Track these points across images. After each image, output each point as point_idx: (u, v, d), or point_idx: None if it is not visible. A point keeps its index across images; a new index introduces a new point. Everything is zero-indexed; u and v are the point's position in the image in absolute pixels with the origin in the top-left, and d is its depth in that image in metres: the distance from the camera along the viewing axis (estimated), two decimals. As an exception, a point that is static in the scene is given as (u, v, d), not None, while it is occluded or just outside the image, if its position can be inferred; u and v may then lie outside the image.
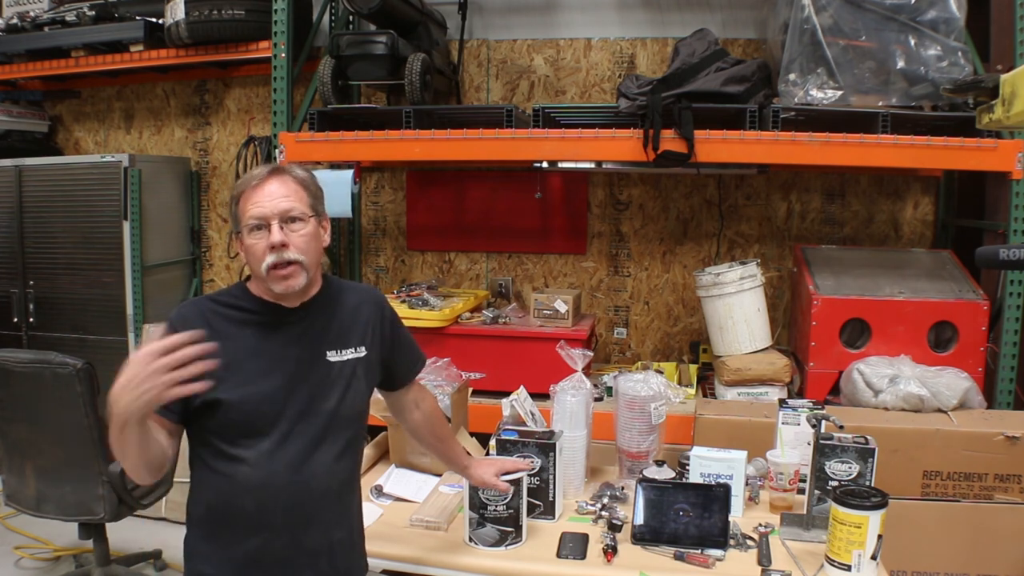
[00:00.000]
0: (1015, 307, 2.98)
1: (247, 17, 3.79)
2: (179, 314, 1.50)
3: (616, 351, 4.12)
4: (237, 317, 1.51)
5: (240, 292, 1.56)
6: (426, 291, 3.60)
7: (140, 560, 3.30)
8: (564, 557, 1.83)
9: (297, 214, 1.49)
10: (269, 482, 1.47)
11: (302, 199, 1.51)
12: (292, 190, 1.50)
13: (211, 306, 1.52)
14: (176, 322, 1.47)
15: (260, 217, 1.47)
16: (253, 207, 1.47)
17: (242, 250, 1.53)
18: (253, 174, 1.52)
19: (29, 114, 4.61)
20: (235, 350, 1.47)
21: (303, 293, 1.54)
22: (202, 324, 1.46)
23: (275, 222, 1.46)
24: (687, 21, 3.80)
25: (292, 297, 1.53)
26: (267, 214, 1.46)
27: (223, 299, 1.54)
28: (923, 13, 2.92)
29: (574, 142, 3.13)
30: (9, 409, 2.82)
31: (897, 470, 2.60)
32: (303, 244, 1.49)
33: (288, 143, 3.37)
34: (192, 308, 1.52)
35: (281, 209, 1.47)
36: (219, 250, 4.55)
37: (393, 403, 1.84)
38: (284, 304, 1.53)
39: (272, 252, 1.46)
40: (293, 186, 1.51)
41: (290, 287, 1.48)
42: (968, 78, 2.54)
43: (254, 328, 1.51)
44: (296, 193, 1.50)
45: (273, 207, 1.47)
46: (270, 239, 1.46)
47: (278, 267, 1.46)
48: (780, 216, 3.92)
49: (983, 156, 2.91)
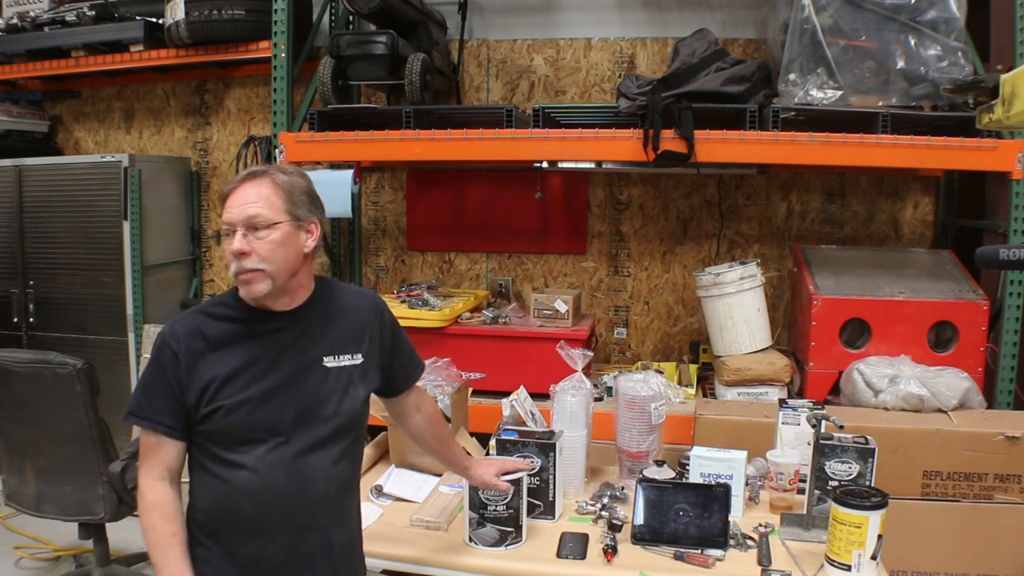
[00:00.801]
0: (1015, 307, 2.98)
1: (247, 17, 3.79)
2: (172, 331, 1.49)
3: (616, 351, 4.12)
4: (229, 326, 1.51)
5: (230, 300, 1.54)
6: (426, 291, 3.60)
7: (140, 560, 3.30)
8: (564, 557, 1.84)
9: (261, 221, 1.45)
10: (268, 487, 1.47)
11: (273, 204, 1.47)
12: (264, 195, 1.47)
13: (202, 319, 1.51)
14: (170, 340, 1.48)
15: (229, 222, 1.47)
16: (225, 212, 1.48)
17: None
18: (235, 177, 1.52)
19: (29, 114, 4.61)
20: (231, 359, 1.47)
21: (290, 299, 1.54)
22: (195, 339, 1.47)
23: (239, 229, 1.45)
24: (687, 21, 3.80)
25: (273, 302, 1.52)
26: (233, 220, 1.46)
27: (214, 310, 1.53)
28: (923, 13, 2.92)
29: (574, 142, 3.13)
30: (9, 409, 2.82)
31: (897, 470, 2.60)
32: (267, 252, 1.45)
33: (288, 143, 3.36)
34: (184, 324, 1.51)
35: (246, 216, 1.45)
36: (219, 250, 4.54)
37: (394, 408, 1.83)
38: (272, 308, 1.52)
39: (235, 259, 1.46)
40: (267, 191, 1.47)
41: (251, 292, 1.47)
42: (968, 78, 2.54)
43: (247, 335, 1.50)
44: (267, 199, 1.47)
45: (239, 213, 1.46)
46: (231, 247, 1.46)
47: (239, 273, 1.47)
48: (780, 216, 3.92)
49: (983, 156, 2.91)
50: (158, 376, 1.47)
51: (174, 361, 1.46)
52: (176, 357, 1.46)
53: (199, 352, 1.47)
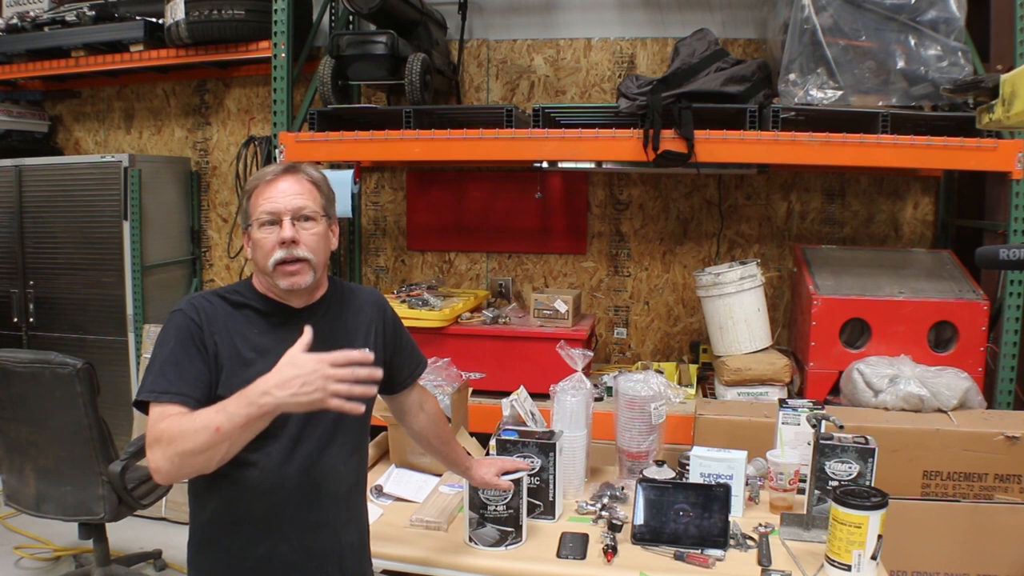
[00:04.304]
0: (1015, 307, 2.98)
1: (247, 17, 3.79)
2: (191, 305, 1.46)
3: (616, 351, 4.12)
4: (247, 315, 1.49)
5: (247, 290, 1.53)
6: (426, 291, 3.60)
7: (140, 560, 3.30)
8: (564, 557, 1.83)
9: (309, 212, 1.49)
10: (280, 486, 1.46)
11: (315, 198, 1.51)
12: (306, 188, 1.50)
13: (220, 303, 1.49)
14: (190, 312, 1.44)
15: (272, 212, 1.46)
16: (266, 202, 1.47)
17: (249, 245, 1.52)
18: (267, 170, 1.51)
19: (29, 114, 4.61)
20: (247, 348, 1.45)
21: (310, 294, 1.54)
22: (216, 316, 1.45)
23: (287, 218, 1.46)
24: (687, 21, 3.80)
25: (298, 297, 1.52)
26: (280, 209, 1.46)
27: (232, 297, 1.51)
28: (923, 13, 2.92)
29: (574, 142, 3.13)
30: (9, 409, 2.82)
31: (897, 470, 2.60)
32: (313, 243, 1.48)
33: (288, 143, 3.37)
34: (205, 301, 1.48)
35: (294, 206, 1.47)
36: (219, 250, 4.55)
37: (397, 407, 1.82)
38: (291, 304, 1.52)
39: (282, 247, 1.45)
40: (307, 185, 1.51)
41: (295, 283, 1.47)
42: (968, 78, 2.53)
43: (264, 327, 1.49)
44: (309, 192, 1.50)
45: (287, 203, 1.47)
46: (281, 234, 1.45)
47: (286, 263, 1.46)
48: (780, 216, 3.92)
49: (983, 156, 2.91)
50: (184, 351, 1.41)
51: (199, 332, 1.42)
52: (200, 328, 1.43)
53: (219, 330, 1.44)
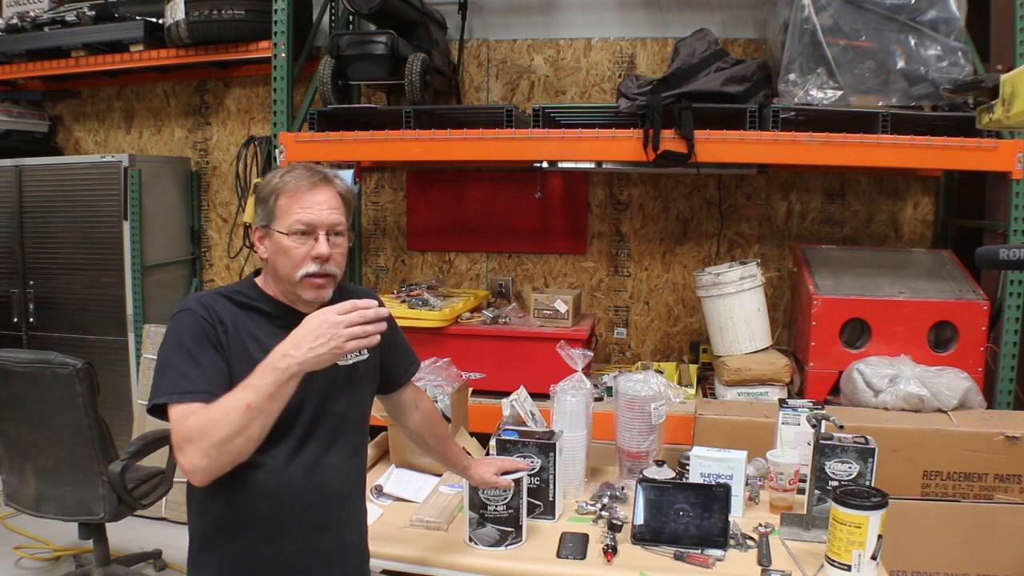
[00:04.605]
0: (1015, 307, 2.98)
1: (247, 17, 3.79)
2: (200, 304, 1.44)
3: (616, 351, 4.12)
4: (253, 317, 1.48)
5: (252, 291, 1.52)
6: (426, 291, 3.60)
7: (140, 560, 3.30)
8: (564, 557, 1.84)
9: (342, 229, 1.50)
10: (286, 487, 1.45)
11: (345, 214, 1.51)
12: (339, 203, 1.50)
13: (226, 303, 1.48)
14: (199, 310, 1.43)
15: (309, 224, 1.45)
16: (303, 211, 1.45)
17: (263, 244, 1.50)
18: (301, 174, 1.49)
19: (29, 114, 4.61)
20: (257, 349, 1.43)
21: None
22: (223, 315, 1.44)
23: (323, 232, 1.46)
24: (687, 21, 3.81)
25: (311, 304, 1.50)
26: (317, 223, 1.45)
27: (236, 297, 1.49)
28: (923, 13, 2.92)
29: (574, 142, 3.13)
30: (9, 409, 2.82)
31: (897, 470, 2.60)
32: (341, 260, 1.50)
33: (288, 143, 3.36)
34: (212, 300, 1.47)
35: (331, 221, 1.47)
36: (219, 250, 4.55)
37: (392, 406, 1.83)
38: (299, 309, 1.50)
39: (315, 262, 1.45)
40: (338, 200, 1.50)
41: (321, 297, 1.48)
42: (968, 78, 2.53)
43: (270, 329, 1.47)
44: (341, 207, 1.51)
45: (324, 217, 1.46)
46: (317, 249, 1.45)
47: (316, 276, 1.46)
48: (780, 216, 3.92)
49: (983, 156, 2.91)
50: (202, 349, 1.39)
51: (212, 331, 1.41)
52: (213, 327, 1.41)
53: (229, 330, 1.44)
